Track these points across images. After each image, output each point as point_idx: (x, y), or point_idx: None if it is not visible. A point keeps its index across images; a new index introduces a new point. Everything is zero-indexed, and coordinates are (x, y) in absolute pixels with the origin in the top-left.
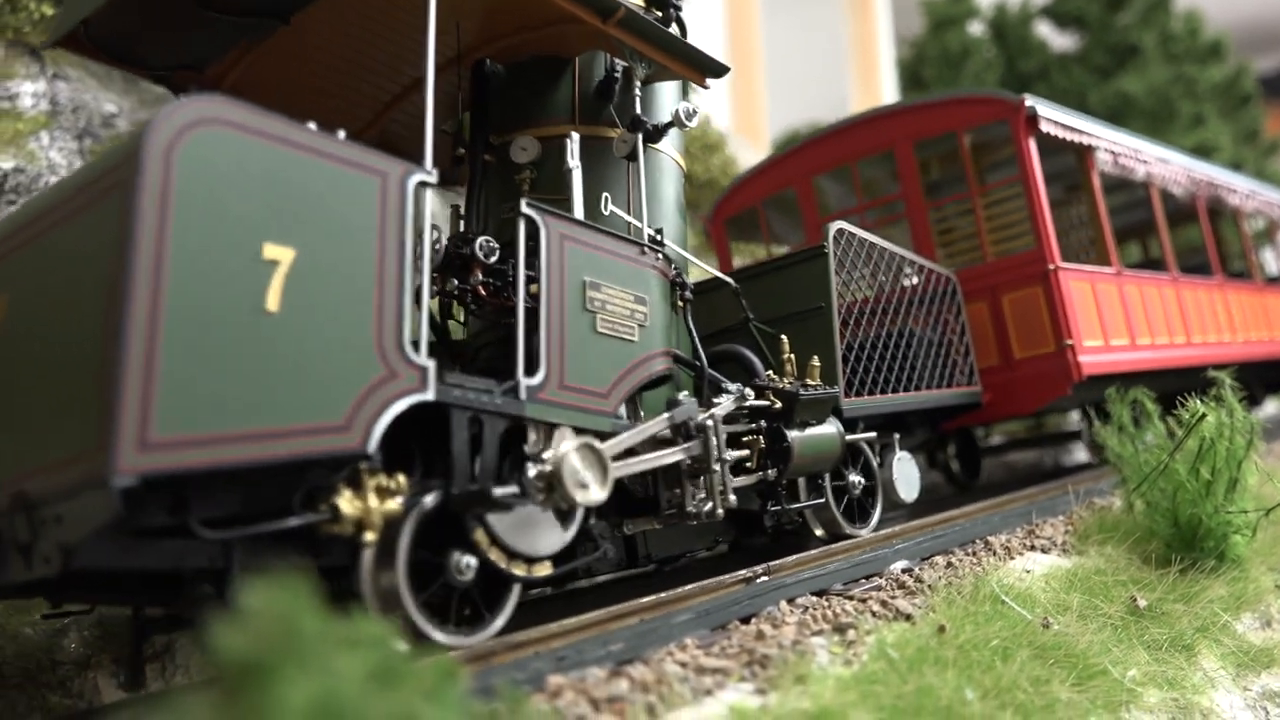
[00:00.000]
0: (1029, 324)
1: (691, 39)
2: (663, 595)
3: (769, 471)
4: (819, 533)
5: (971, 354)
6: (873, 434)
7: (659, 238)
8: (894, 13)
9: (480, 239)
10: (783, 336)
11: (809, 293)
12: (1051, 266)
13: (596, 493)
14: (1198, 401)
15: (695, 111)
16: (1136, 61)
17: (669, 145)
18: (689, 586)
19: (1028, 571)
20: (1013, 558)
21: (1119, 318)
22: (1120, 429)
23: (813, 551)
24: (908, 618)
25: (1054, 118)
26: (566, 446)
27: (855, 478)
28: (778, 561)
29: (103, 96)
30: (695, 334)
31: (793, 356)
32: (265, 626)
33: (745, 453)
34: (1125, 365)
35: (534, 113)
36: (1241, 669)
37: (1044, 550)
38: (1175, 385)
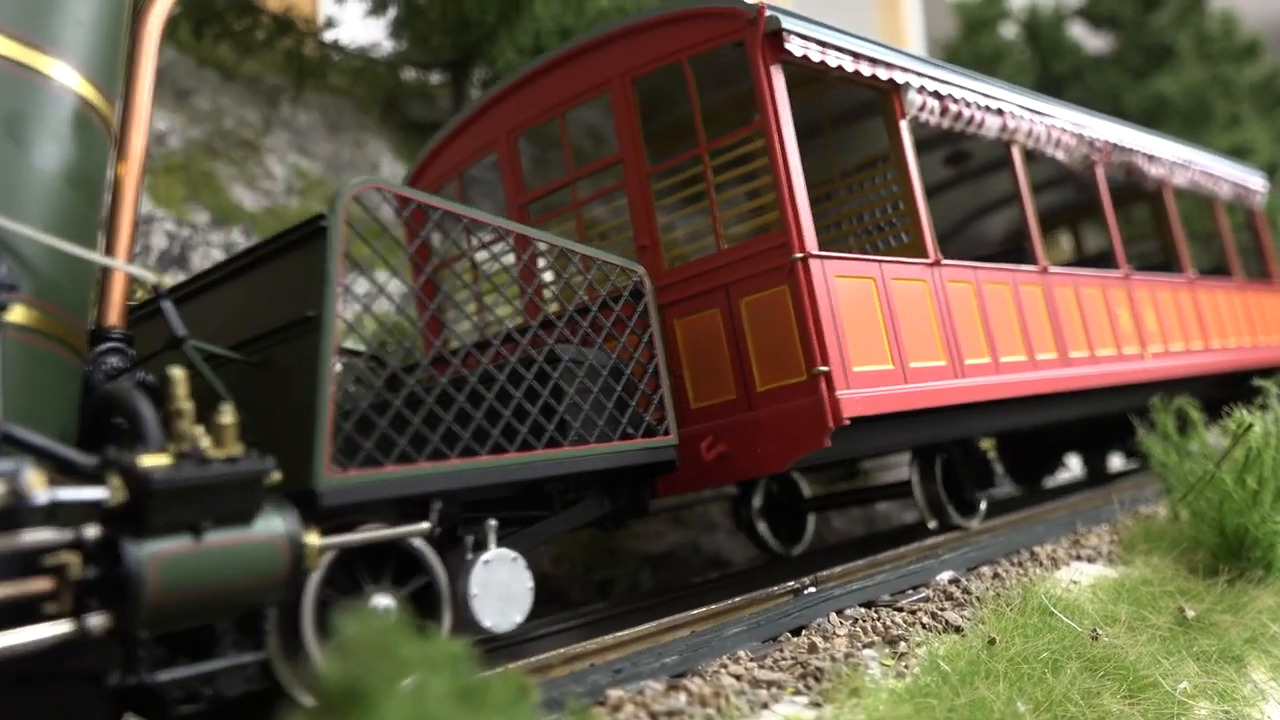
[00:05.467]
0: (774, 341)
1: None
2: (713, 607)
3: (88, 620)
4: (306, 700)
5: (663, 387)
6: (423, 525)
7: None
8: (925, 14)
9: None
10: (174, 371)
11: (295, 298)
12: (799, 255)
13: None
14: (1244, 411)
15: None
16: (1172, 62)
17: (67, 72)
18: (739, 598)
19: (1075, 582)
20: (1059, 568)
21: (931, 330)
22: (1165, 438)
23: (859, 562)
24: (957, 630)
25: (813, 35)
26: None
27: (383, 601)
28: (825, 572)
29: (156, 114)
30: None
31: (186, 407)
32: (363, 650)
33: (45, 585)
34: (933, 398)
35: None
36: None
37: (1090, 560)
38: (1042, 420)
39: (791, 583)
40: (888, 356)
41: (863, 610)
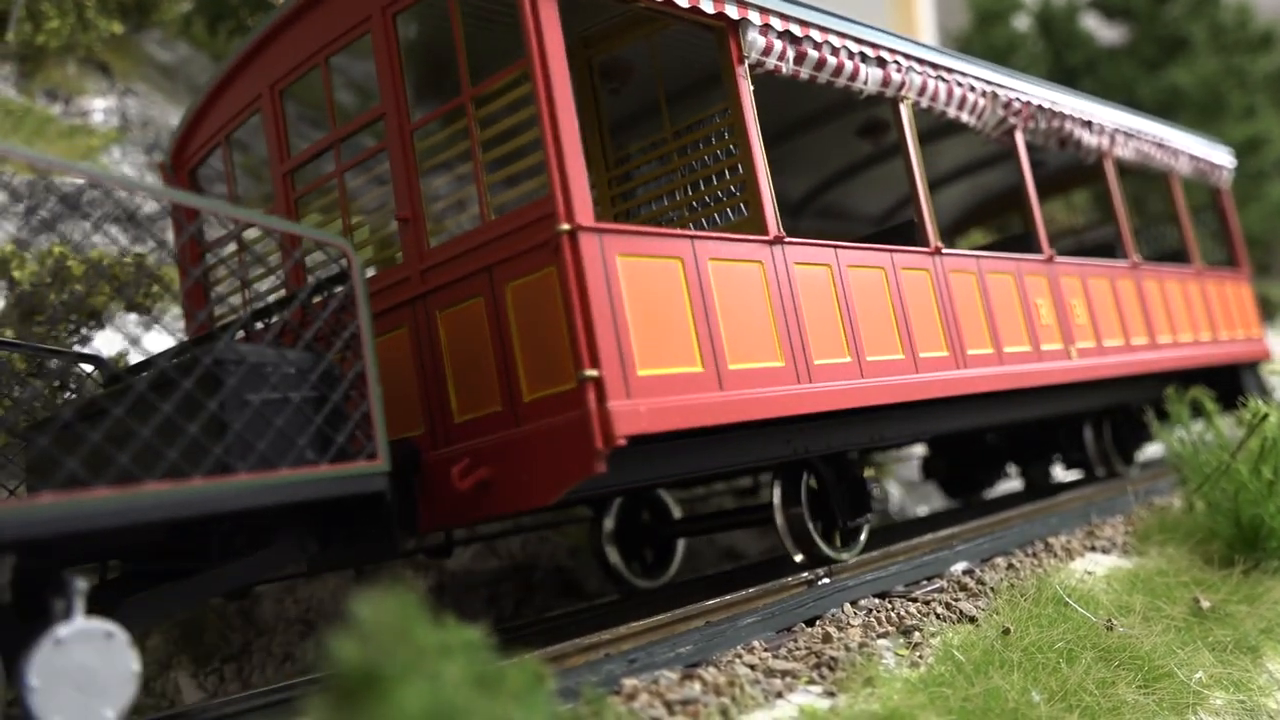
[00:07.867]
0: (542, 337)
1: None
2: (727, 598)
3: None
4: None
5: (371, 398)
6: None
7: None
8: (937, 6)
9: None
10: None
11: None
12: (566, 227)
13: None
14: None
15: None
16: (1186, 53)
17: None
18: (752, 589)
19: (1089, 573)
20: (1073, 559)
21: (767, 324)
22: (1180, 429)
23: (874, 553)
24: (972, 620)
25: None
26: None
27: None
28: (839, 564)
29: (170, 110)
30: None
31: None
32: (381, 636)
33: None
34: (762, 408)
35: None
36: None
37: (1104, 551)
38: (932, 430)
39: (805, 574)
40: (696, 357)
41: (877, 601)
